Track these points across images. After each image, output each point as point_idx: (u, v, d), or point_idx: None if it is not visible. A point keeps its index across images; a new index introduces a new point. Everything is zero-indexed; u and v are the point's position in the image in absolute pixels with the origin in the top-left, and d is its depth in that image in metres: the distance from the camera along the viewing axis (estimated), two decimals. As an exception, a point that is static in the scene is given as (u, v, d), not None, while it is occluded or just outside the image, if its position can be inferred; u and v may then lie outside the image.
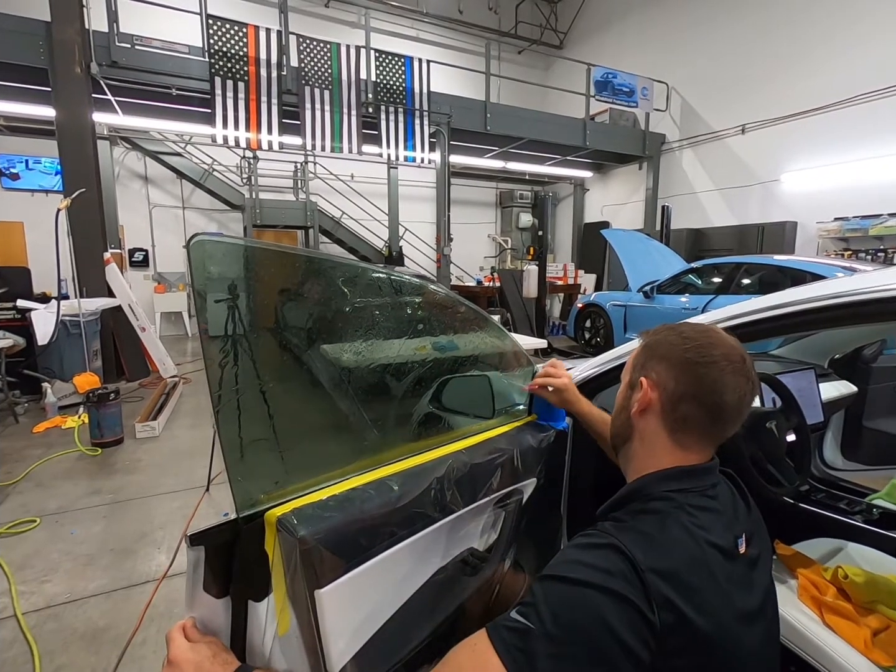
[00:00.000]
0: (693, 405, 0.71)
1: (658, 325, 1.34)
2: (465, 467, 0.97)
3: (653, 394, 0.74)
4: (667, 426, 0.73)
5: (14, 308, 4.57)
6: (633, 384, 0.78)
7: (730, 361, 0.70)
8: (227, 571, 0.68)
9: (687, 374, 0.71)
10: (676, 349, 0.73)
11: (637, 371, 0.78)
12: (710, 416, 0.71)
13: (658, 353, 0.75)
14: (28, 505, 2.70)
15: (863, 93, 6.47)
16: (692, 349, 0.72)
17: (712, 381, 0.70)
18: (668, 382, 0.73)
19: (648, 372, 0.76)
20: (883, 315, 1.03)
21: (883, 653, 1.04)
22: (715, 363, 0.70)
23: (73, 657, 1.67)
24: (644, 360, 0.78)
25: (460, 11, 10.92)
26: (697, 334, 0.74)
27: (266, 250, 0.74)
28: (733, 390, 0.69)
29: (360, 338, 0.80)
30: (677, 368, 0.72)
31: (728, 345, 0.73)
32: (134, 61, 5.57)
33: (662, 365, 0.74)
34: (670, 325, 0.79)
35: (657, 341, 0.77)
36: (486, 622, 1.17)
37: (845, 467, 2.16)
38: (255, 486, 0.65)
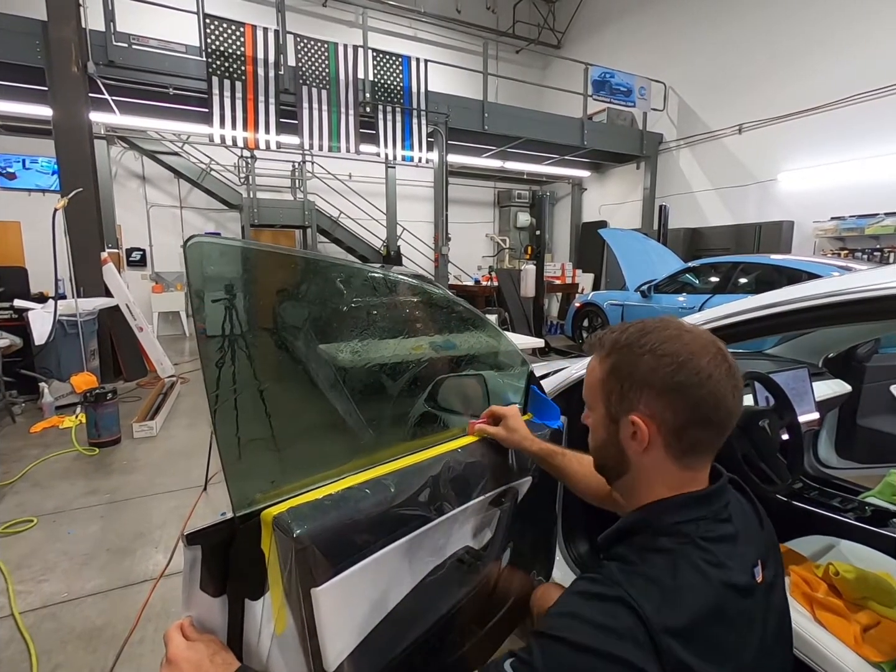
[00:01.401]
0: (699, 429, 0.63)
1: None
2: (461, 466, 0.98)
3: (650, 429, 0.64)
4: (673, 455, 0.65)
5: (11, 308, 4.56)
6: (614, 417, 0.67)
7: (717, 364, 0.63)
8: (224, 570, 0.69)
9: (684, 400, 0.62)
10: (659, 373, 0.63)
11: (617, 403, 0.67)
12: (718, 432, 0.65)
13: (638, 380, 0.64)
14: (25, 505, 2.70)
15: (859, 92, 6.49)
16: (678, 369, 0.62)
17: (714, 398, 0.62)
18: (665, 413, 0.63)
19: (634, 405, 0.65)
20: (876, 314, 1.04)
21: (873, 648, 1.06)
22: (709, 377, 0.61)
23: (70, 656, 1.68)
24: (620, 387, 0.66)
25: (458, 11, 10.93)
26: (671, 345, 0.63)
27: (262, 251, 0.75)
28: (731, 392, 0.63)
29: (356, 338, 0.80)
30: (670, 396, 0.62)
31: (703, 343, 0.64)
32: (131, 60, 5.56)
33: (649, 395, 0.64)
34: (629, 332, 0.67)
35: (629, 363, 0.65)
36: (482, 621, 1.18)
37: (839, 465, 2.18)
38: (251, 486, 0.66)
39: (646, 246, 6.75)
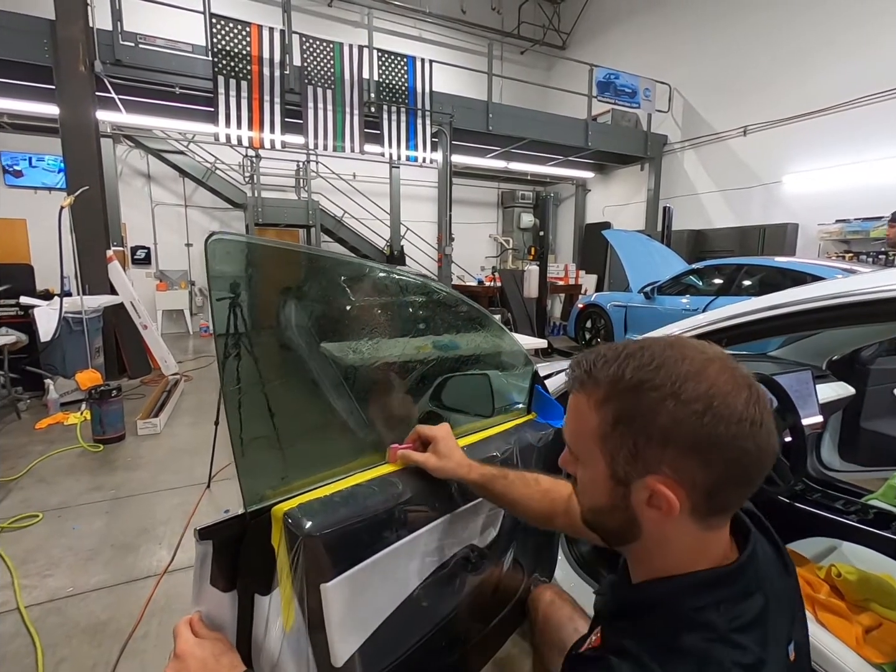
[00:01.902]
0: (735, 488, 0.52)
1: (654, 328, 1.36)
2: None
3: (678, 494, 0.50)
4: (698, 520, 0.52)
5: (17, 305, 4.60)
6: (623, 479, 0.53)
7: (755, 402, 0.50)
8: (234, 566, 0.70)
9: (720, 456, 0.49)
10: (688, 425, 0.48)
11: (627, 463, 0.52)
12: (756, 486, 0.53)
13: (659, 436, 0.50)
14: (30, 500, 2.72)
15: (865, 95, 6.47)
16: (713, 419, 0.48)
17: (757, 449, 0.49)
18: (696, 475, 0.50)
19: (653, 465, 0.50)
20: (880, 315, 1.05)
21: (875, 650, 1.06)
22: (752, 423, 0.49)
23: (75, 650, 1.69)
24: (633, 444, 0.51)
25: (463, 11, 10.93)
26: (697, 383, 0.49)
27: (280, 249, 0.76)
28: (772, 435, 0.51)
29: (367, 336, 0.81)
30: (703, 453, 0.49)
31: (733, 375, 0.51)
32: (138, 60, 5.58)
33: (674, 453, 0.49)
34: (634, 365, 0.52)
35: (643, 412, 0.50)
36: (485, 619, 1.18)
37: (842, 468, 2.18)
38: (262, 482, 0.67)
39: (649, 247, 6.74)
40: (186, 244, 9.43)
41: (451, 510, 0.94)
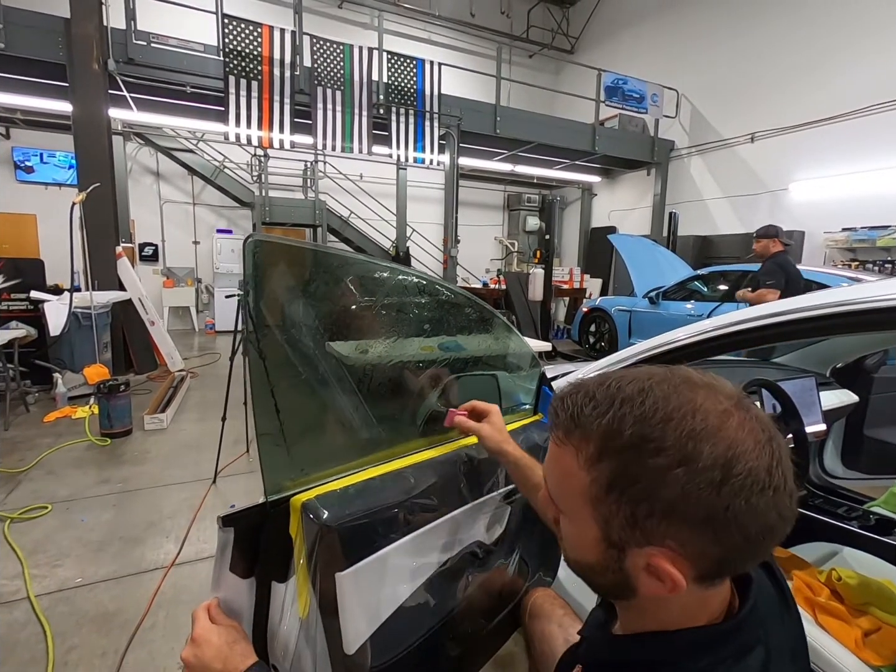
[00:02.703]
0: (748, 558, 0.46)
1: (658, 333, 1.38)
2: (474, 462, 1.02)
3: (682, 568, 0.44)
4: (702, 583, 0.46)
5: (27, 299, 4.65)
6: (617, 545, 0.46)
7: (771, 455, 0.43)
8: (254, 553, 0.73)
9: (737, 530, 0.42)
10: (702, 498, 0.41)
11: (623, 530, 0.45)
12: (770, 548, 0.47)
13: (665, 507, 0.42)
14: (39, 492, 2.76)
15: (873, 104, 6.47)
16: (731, 489, 0.41)
17: (779, 518, 0.43)
18: (706, 548, 0.43)
19: (655, 537, 0.44)
20: (885, 324, 1.06)
21: (874, 653, 1.08)
22: (772, 488, 0.42)
23: (84, 639, 1.72)
24: (632, 513, 0.44)
25: (472, 15, 10.98)
26: (710, 442, 0.42)
27: (313, 251, 0.79)
28: (791, 499, 0.44)
29: (387, 336, 0.84)
30: (717, 529, 0.42)
31: (754, 432, 0.43)
32: (150, 58, 5.64)
33: (682, 527, 0.43)
34: (631, 415, 0.44)
35: (643, 479, 0.43)
36: (490, 615, 1.20)
37: (845, 476, 2.19)
38: (282, 473, 0.70)
39: (655, 252, 6.75)
40: (194, 242, 9.50)
41: (460, 506, 0.96)
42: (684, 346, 1.29)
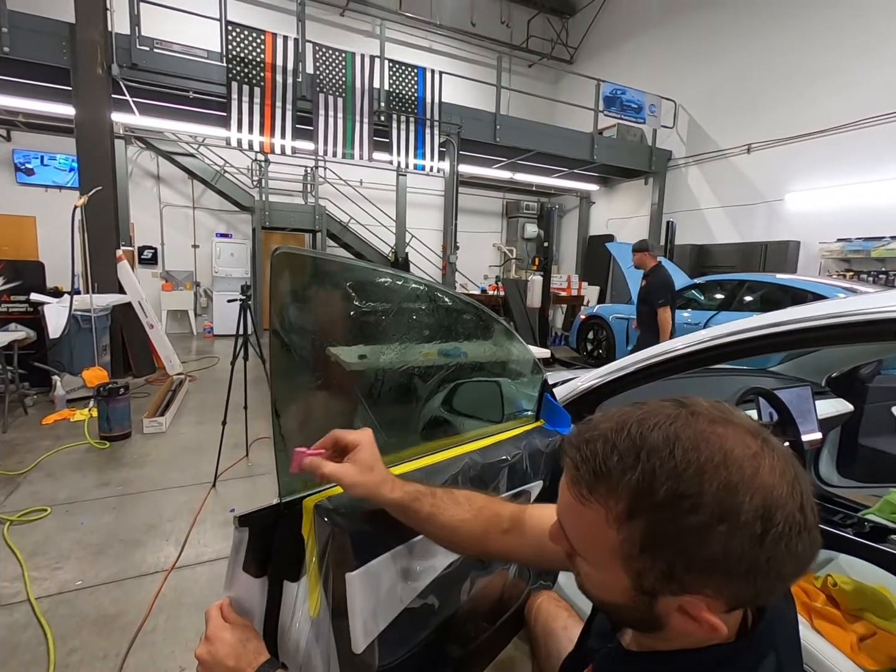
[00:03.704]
0: (775, 592, 0.46)
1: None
2: (478, 467, 1.04)
3: (715, 610, 0.43)
4: (727, 613, 0.45)
5: (27, 301, 4.65)
6: (649, 591, 0.45)
7: (804, 505, 0.42)
8: (267, 553, 0.75)
9: (770, 575, 0.42)
10: (744, 552, 0.40)
11: (659, 582, 0.44)
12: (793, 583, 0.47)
13: (705, 563, 0.41)
14: (39, 494, 2.76)
15: (868, 117, 6.57)
16: (773, 539, 0.40)
17: (810, 554, 0.43)
18: (743, 593, 0.43)
19: (695, 589, 0.43)
20: (880, 335, 1.09)
21: (868, 657, 1.10)
22: (807, 530, 0.41)
23: (85, 641, 1.73)
24: (668, 567, 0.43)
25: (473, 24, 11.10)
26: (746, 495, 0.40)
27: (337, 262, 0.81)
28: (817, 533, 0.43)
29: (396, 342, 0.87)
30: (752, 577, 0.41)
31: (784, 473, 0.42)
32: (153, 64, 5.69)
33: (722, 578, 0.42)
34: (661, 470, 0.42)
35: (689, 537, 0.41)
36: (493, 618, 1.22)
37: (840, 484, 2.22)
38: (296, 475, 0.71)
39: (652, 261, 6.80)
40: (193, 245, 9.52)
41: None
42: (683, 356, 1.32)
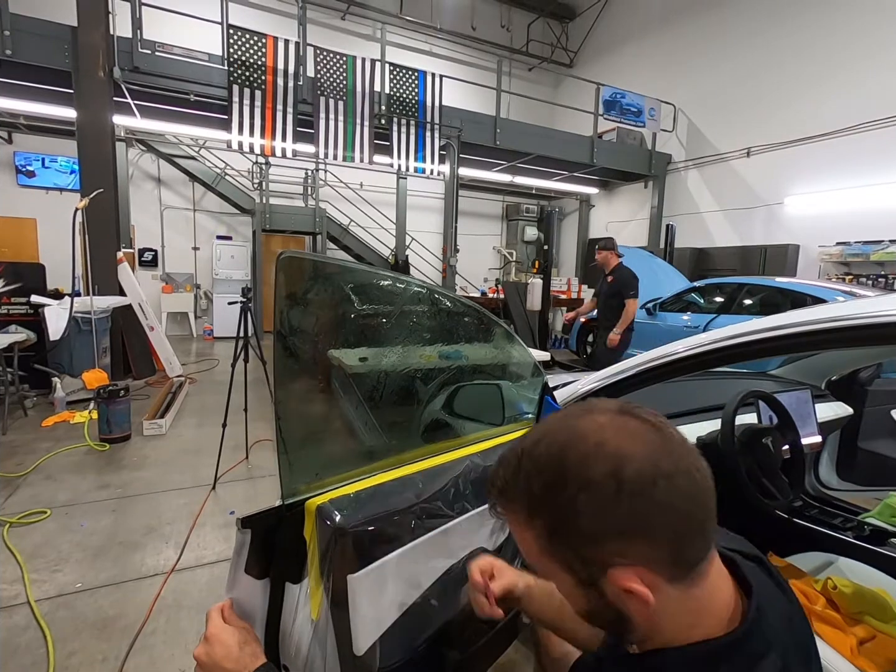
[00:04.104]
0: (691, 542, 0.48)
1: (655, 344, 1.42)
2: (479, 469, 1.04)
3: (645, 576, 0.47)
4: (679, 582, 0.48)
5: (28, 303, 4.66)
6: (590, 581, 0.49)
7: (658, 447, 0.48)
8: (269, 555, 0.75)
9: (656, 524, 0.46)
10: (612, 513, 0.46)
11: (584, 569, 0.49)
12: (712, 523, 0.50)
13: (592, 537, 0.47)
14: (38, 496, 2.76)
15: (868, 121, 6.60)
16: (628, 494, 0.45)
17: (686, 498, 0.47)
18: (648, 552, 0.47)
19: (608, 560, 0.47)
20: (879, 339, 1.10)
21: (868, 661, 1.10)
22: (664, 478, 0.46)
23: (84, 643, 1.72)
24: (577, 552, 0.48)
25: (473, 28, 11.14)
26: (602, 463, 0.46)
27: (341, 266, 0.82)
28: (688, 478, 0.47)
29: (398, 345, 0.87)
30: (640, 532, 0.46)
31: (627, 429, 0.49)
32: (155, 67, 5.71)
33: (615, 544, 0.47)
34: (535, 471, 0.49)
35: (567, 521, 0.47)
36: (491, 622, 1.22)
37: (840, 487, 2.22)
38: (298, 477, 0.72)
39: (652, 264, 6.81)
40: (193, 248, 9.53)
41: (465, 512, 0.99)
42: (683, 359, 1.32)
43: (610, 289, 4.41)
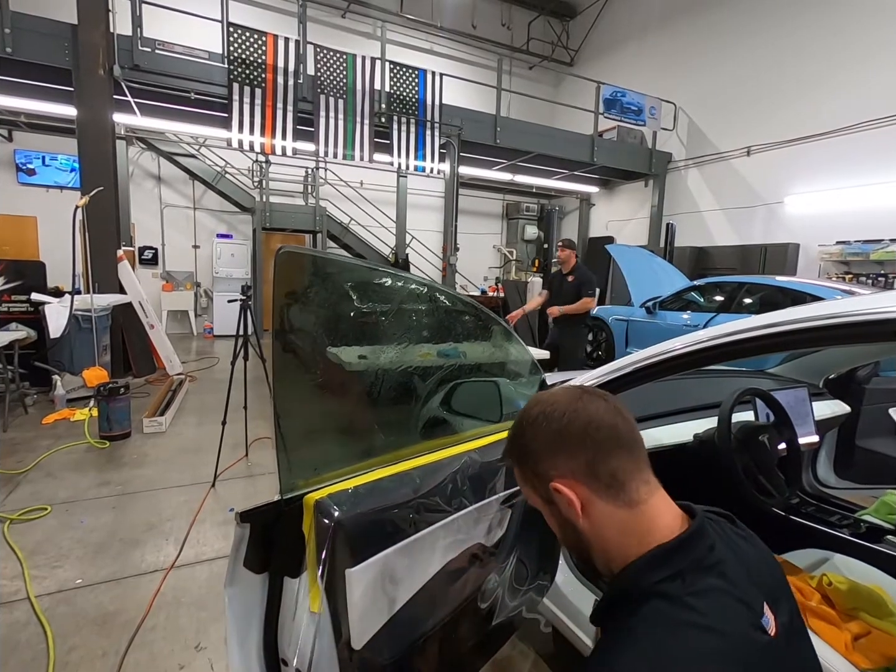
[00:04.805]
0: (603, 456, 0.62)
1: (655, 342, 1.42)
2: (477, 465, 1.05)
3: (571, 486, 0.63)
4: (610, 498, 0.62)
5: (28, 301, 4.66)
6: (548, 499, 0.66)
7: (575, 397, 0.67)
8: (267, 549, 0.75)
9: (570, 442, 0.64)
10: (540, 434, 0.66)
11: (539, 485, 0.67)
12: (624, 452, 0.63)
13: (533, 453, 0.67)
14: (39, 493, 2.77)
15: (868, 120, 6.59)
16: (549, 420, 0.65)
17: (589, 421, 0.64)
18: (569, 463, 0.63)
19: (548, 474, 0.65)
20: (876, 336, 1.10)
21: (863, 656, 1.11)
22: (575, 410, 0.65)
23: (85, 639, 1.73)
24: (532, 471, 0.68)
25: (474, 26, 11.13)
26: (534, 409, 0.68)
27: (338, 262, 0.82)
28: (603, 412, 0.65)
29: (396, 343, 0.88)
30: (559, 445, 0.64)
31: (559, 393, 0.69)
32: (155, 65, 5.71)
33: (546, 457, 0.65)
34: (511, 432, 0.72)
35: (522, 449, 0.69)
36: (489, 617, 1.23)
37: (838, 485, 2.22)
38: (296, 473, 0.72)
39: (652, 263, 6.82)
40: (194, 246, 9.53)
41: (463, 508, 0.99)
42: (680, 356, 1.32)
43: (571, 287, 4.65)
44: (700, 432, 1.47)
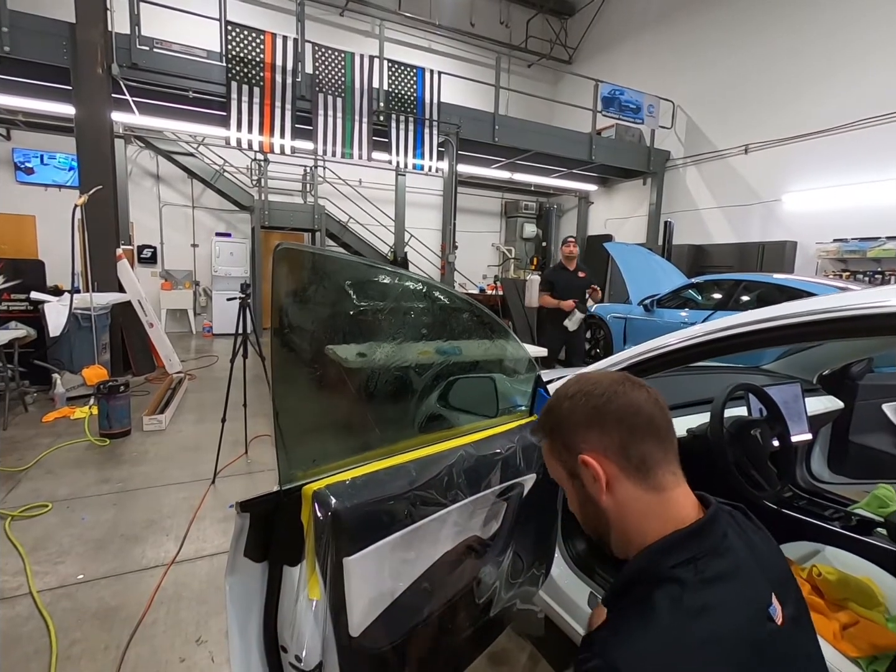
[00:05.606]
0: (638, 441, 0.65)
1: (652, 338, 1.44)
2: (473, 459, 1.07)
3: (601, 461, 0.65)
4: (638, 480, 0.64)
5: (27, 300, 4.67)
6: (572, 471, 0.69)
7: (619, 382, 0.68)
8: (267, 539, 0.77)
9: (606, 420, 0.65)
10: (578, 409, 0.68)
11: (567, 457, 0.69)
12: (657, 440, 0.65)
13: (567, 427, 0.69)
14: (39, 491, 2.78)
15: (864, 118, 6.61)
16: (590, 398, 0.67)
17: (630, 406, 0.66)
18: (603, 439, 0.65)
19: (578, 447, 0.67)
20: (868, 331, 1.12)
21: (851, 645, 1.13)
22: (616, 392, 0.67)
23: (86, 633, 1.75)
24: (562, 442, 0.70)
25: (472, 24, 11.12)
26: (578, 386, 0.70)
27: (336, 259, 0.84)
28: (644, 400, 0.66)
29: (392, 339, 0.89)
30: (596, 422, 0.66)
31: (603, 375, 0.71)
32: (153, 64, 5.71)
33: (579, 430, 0.67)
34: (547, 406, 0.74)
35: (556, 421, 0.70)
36: (486, 608, 1.25)
37: (831, 480, 2.25)
38: (296, 464, 0.74)
39: (650, 261, 6.84)
40: (192, 244, 9.53)
41: (459, 500, 1.01)
42: (676, 352, 1.34)
43: (584, 283, 4.88)
44: (693, 427, 1.49)
